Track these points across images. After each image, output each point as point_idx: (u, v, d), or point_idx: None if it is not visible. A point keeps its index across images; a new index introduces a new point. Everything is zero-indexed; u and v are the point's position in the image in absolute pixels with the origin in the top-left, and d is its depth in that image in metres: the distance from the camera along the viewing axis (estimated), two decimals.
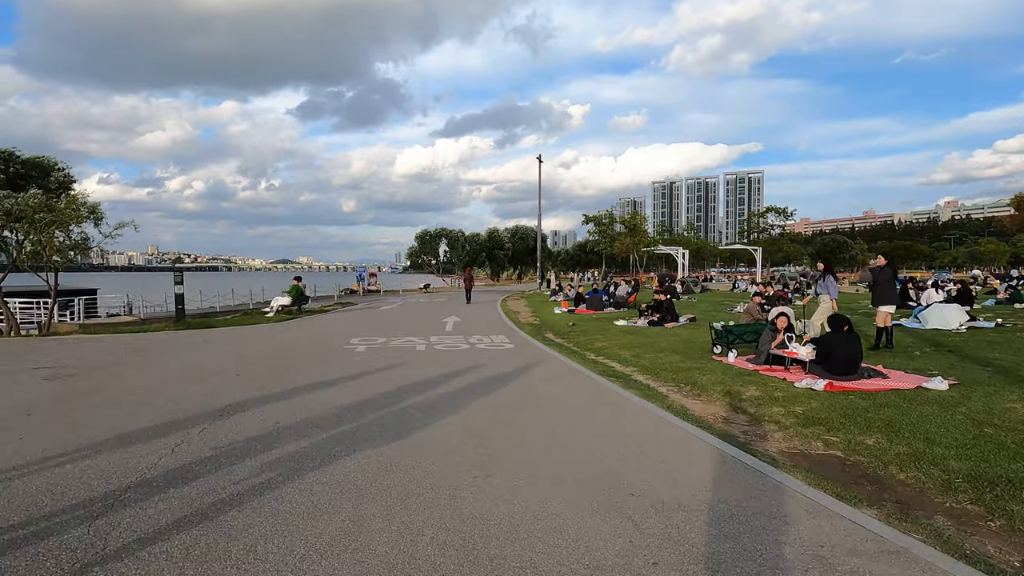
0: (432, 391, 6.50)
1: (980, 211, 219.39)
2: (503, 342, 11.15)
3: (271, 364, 8.55)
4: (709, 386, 6.89)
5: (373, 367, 8.27)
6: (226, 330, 13.79)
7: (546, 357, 9.36)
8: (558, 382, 7.23)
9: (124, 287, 62.93)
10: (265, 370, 7.91)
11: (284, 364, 8.56)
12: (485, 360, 8.90)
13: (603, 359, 9.25)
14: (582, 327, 13.76)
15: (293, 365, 8.49)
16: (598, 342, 11.21)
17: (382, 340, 11.35)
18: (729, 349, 8.78)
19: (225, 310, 25.80)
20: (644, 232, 40.75)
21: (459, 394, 6.35)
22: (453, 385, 6.86)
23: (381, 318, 17.44)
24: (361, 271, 41.68)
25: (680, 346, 10.07)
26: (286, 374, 7.69)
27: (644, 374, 7.89)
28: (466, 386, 6.81)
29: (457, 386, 6.81)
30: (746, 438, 4.98)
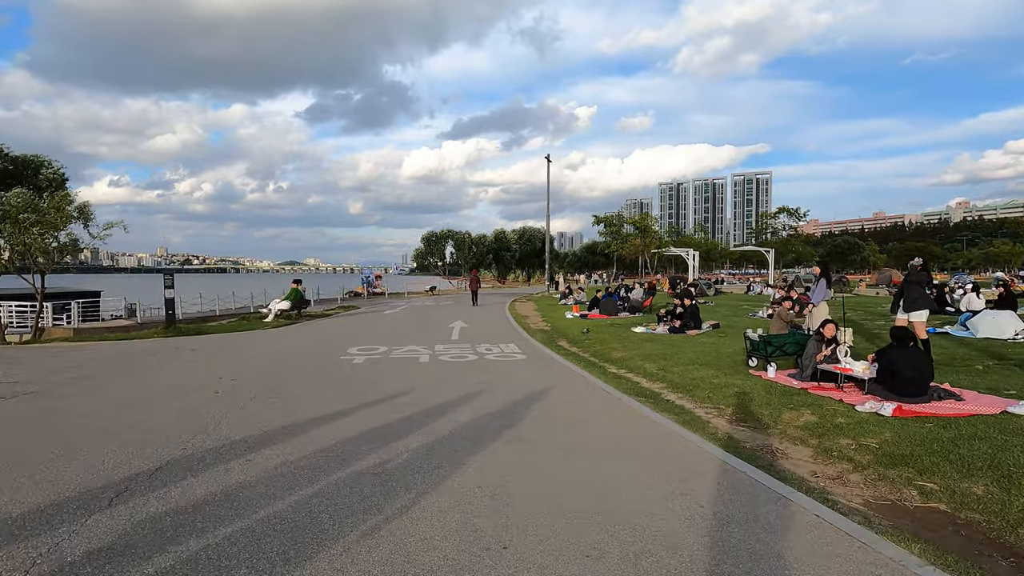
0: (435, 421, 5.61)
1: (993, 212, 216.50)
2: (514, 352, 10.26)
3: (256, 380, 7.69)
4: (755, 409, 5.97)
5: (369, 386, 7.39)
6: (218, 337, 12.98)
7: (563, 371, 8.45)
8: (581, 406, 6.29)
9: (131, 289, 62.76)
10: (247, 389, 7.05)
11: (270, 380, 7.71)
12: (495, 375, 8.01)
13: (625, 373, 8.34)
14: (597, 334, 12.85)
15: (280, 381, 7.63)
16: (617, 352, 10.30)
17: (383, 350, 10.49)
18: (768, 362, 7.85)
19: (225, 313, 25.09)
20: (655, 233, 39.71)
21: (467, 427, 5.30)
22: (460, 412, 5.81)
23: (384, 324, 16.60)
24: (366, 273, 40.93)
25: (709, 357, 9.14)
26: (269, 394, 6.82)
27: (675, 392, 6.97)
28: (475, 415, 5.77)
29: (464, 414, 5.77)
30: (819, 482, 4.07)
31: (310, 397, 6.58)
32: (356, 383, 7.36)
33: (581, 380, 7.77)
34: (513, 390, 6.88)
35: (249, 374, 8.04)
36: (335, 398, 6.52)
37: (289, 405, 6.14)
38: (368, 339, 12.28)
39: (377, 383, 7.36)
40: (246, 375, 7.95)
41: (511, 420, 5.50)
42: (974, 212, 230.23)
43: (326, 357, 9.63)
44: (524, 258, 76.64)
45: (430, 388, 7.01)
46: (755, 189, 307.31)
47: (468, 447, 4.64)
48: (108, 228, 13.76)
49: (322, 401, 6.35)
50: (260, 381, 7.49)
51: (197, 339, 12.51)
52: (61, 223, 13.13)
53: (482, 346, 10.96)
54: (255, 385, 7.21)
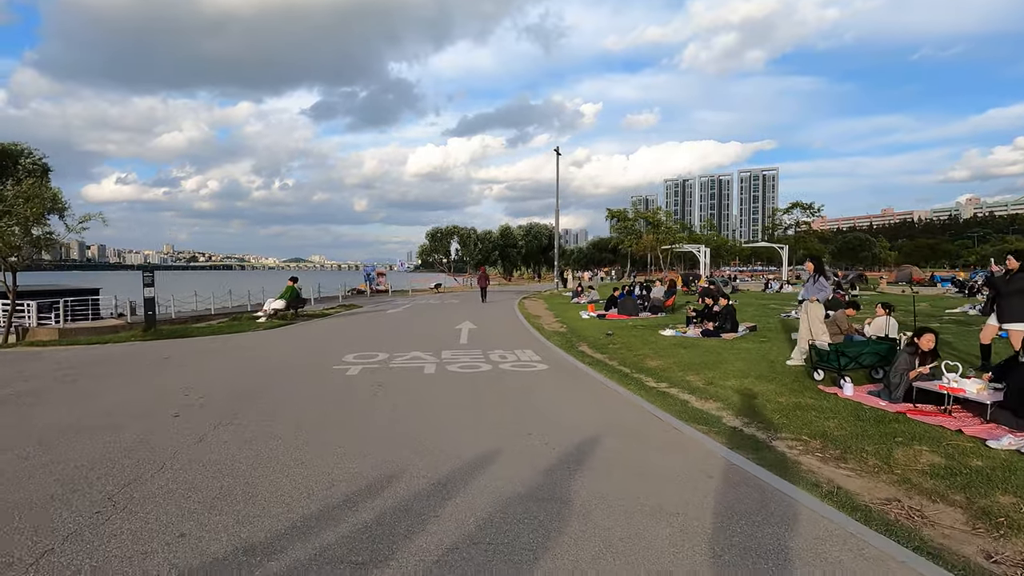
0: (440, 468, 4.34)
1: (1004, 208, 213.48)
2: (532, 360, 8.98)
3: (228, 399, 6.43)
4: (851, 443, 4.68)
5: (360, 409, 6.11)
6: (201, 341, 11.76)
7: (595, 387, 7.15)
8: (635, 442, 4.91)
9: (135, 287, 61.87)
10: (214, 412, 5.79)
11: (246, 399, 6.45)
12: (515, 393, 6.73)
13: (667, 387, 7.05)
14: (621, 338, 11.55)
15: (256, 401, 6.37)
16: (649, 359, 9.01)
17: (382, 356, 9.22)
18: (841, 377, 6.54)
19: (220, 312, 23.97)
20: (669, 229, 38.32)
21: (486, 491, 3.61)
22: (482, 479, 3.81)
23: (386, 324, 15.35)
24: (368, 270, 39.75)
25: (760, 367, 7.85)
26: (237, 422, 5.56)
27: (738, 416, 5.68)
28: (494, 468, 4.05)
29: (480, 469, 4.05)
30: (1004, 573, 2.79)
31: (294, 417, 5.32)
32: (346, 408, 6.02)
33: (618, 399, 6.47)
34: (539, 418, 5.58)
35: (223, 390, 6.78)
36: (320, 426, 5.26)
37: (270, 427, 4.88)
38: (367, 343, 11.02)
39: (372, 407, 6.06)
40: (219, 391, 6.69)
41: (544, 474, 4.22)
42: (984, 208, 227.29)
43: (317, 367, 8.38)
44: (530, 254, 75.45)
45: (435, 414, 5.70)
46: (761, 186, 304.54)
47: (489, 541, 3.08)
48: (85, 220, 12.57)
49: (306, 426, 5.08)
50: (233, 400, 6.23)
51: (177, 343, 11.28)
52: (31, 215, 11.92)
53: (495, 352, 9.68)
54: (225, 406, 5.95)
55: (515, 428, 5.12)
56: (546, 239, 74.90)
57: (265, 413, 5.62)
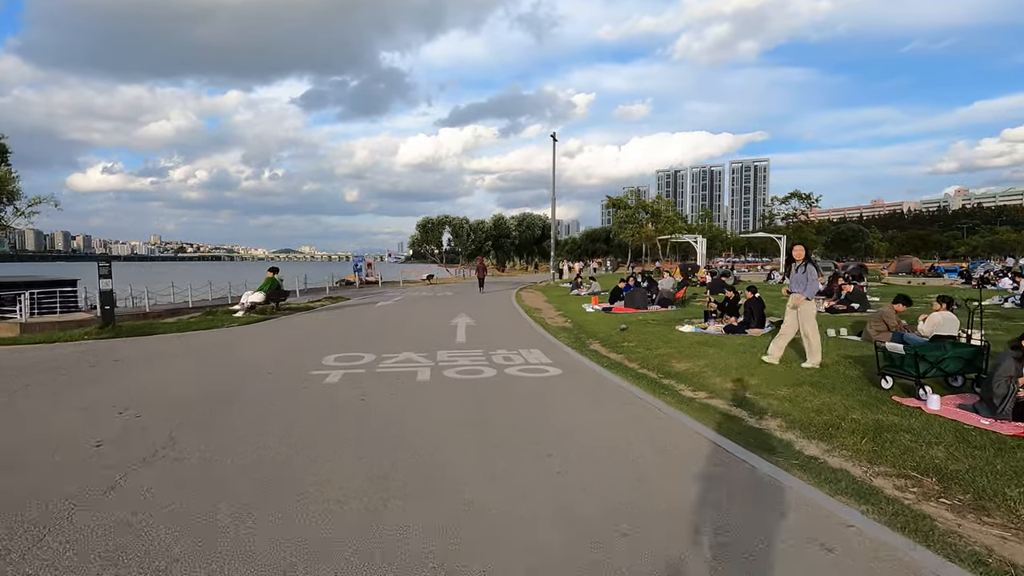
0: (442, 541, 3.16)
1: (992, 200, 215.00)
2: (541, 363, 7.79)
3: (172, 418, 5.20)
4: (981, 483, 3.55)
5: (337, 437, 4.90)
6: (164, 339, 10.46)
7: (624, 399, 5.95)
8: (701, 487, 3.79)
9: (121, 278, 59.82)
10: (150, 437, 4.57)
11: (195, 418, 5.21)
12: (527, 407, 5.54)
13: (708, 398, 5.90)
14: (636, 335, 10.40)
15: (208, 421, 5.13)
16: (675, 361, 7.87)
17: (368, 359, 8.00)
18: (921, 387, 5.43)
19: (199, 305, 22.58)
20: (670, 218, 37.20)
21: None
22: (488, 519, 3.01)
23: (374, 319, 14.10)
24: (357, 260, 38.35)
25: (805, 371, 6.73)
26: (176, 453, 4.34)
27: (808, 437, 4.55)
28: (516, 531, 2.95)
29: (499, 536, 2.98)
30: None
31: (233, 471, 4.10)
32: (318, 434, 4.77)
33: (652, 413, 5.30)
34: (569, 446, 4.37)
35: (167, 405, 5.54)
36: (275, 481, 4.05)
37: (187, 494, 3.67)
38: (353, 341, 9.79)
39: (352, 431, 4.85)
40: (162, 407, 5.45)
41: (587, 547, 3.04)
42: (972, 200, 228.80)
43: (291, 372, 7.14)
44: (524, 245, 74.08)
45: (437, 448, 4.48)
46: (753, 177, 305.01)
47: None
48: (35, 203, 11.18)
49: (245, 495, 3.88)
50: (176, 420, 5.00)
51: (135, 343, 9.97)
52: None
53: (498, 353, 8.49)
54: (164, 429, 4.72)
55: (537, 463, 3.94)
56: (539, 230, 73.56)
57: (212, 442, 4.40)
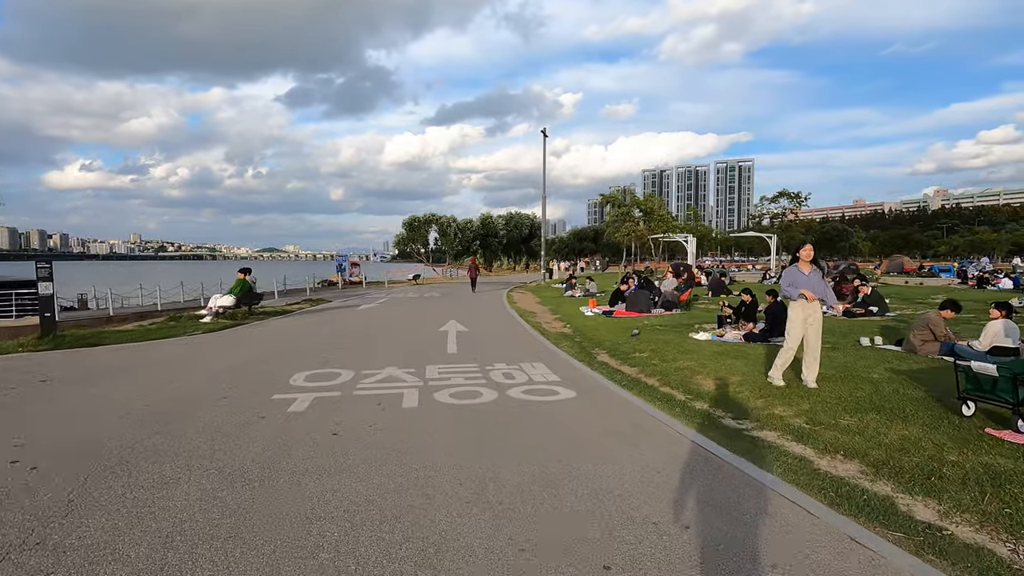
0: None
1: (970, 200, 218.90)
2: (548, 381, 6.70)
3: (72, 468, 4.02)
4: None
5: (293, 506, 3.76)
6: (111, 352, 9.17)
7: (658, 432, 4.85)
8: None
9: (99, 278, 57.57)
10: (38, 495, 3.40)
11: (100, 468, 4.03)
12: (543, 449, 4.42)
13: (755, 428, 4.85)
14: (647, 342, 9.36)
15: (118, 468, 3.96)
16: (699, 377, 6.83)
17: (345, 377, 6.84)
18: (1021, 416, 4.44)
19: (170, 307, 21.21)
20: (663, 217, 36.35)
21: None
22: None
23: (355, 326, 12.91)
24: (341, 260, 36.97)
25: (862, 390, 5.73)
26: (56, 530, 3.18)
27: (910, 492, 3.51)
28: None
29: None
30: None
31: (142, 549, 2.95)
32: (269, 496, 3.61)
33: (722, 470, 4.23)
34: (626, 543, 3.29)
35: (80, 446, 4.35)
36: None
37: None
38: (329, 353, 8.61)
39: (315, 494, 3.71)
40: (71, 450, 4.26)
41: None
42: (951, 200, 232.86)
43: (251, 395, 5.96)
44: (511, 244, 73.10)
45: (432, 519, 3.39)
46: (737, 177, 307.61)
47: None
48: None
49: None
50: (83, 471, 3.82)
51: (75, 356, 8.67)
52: None
53: (496, 368, 7.37)
54: (64, 484, 3.55)
55: (538, 503, 2.85)
56: (527, 229, 72.59)
57: (122, 509, 3.23)
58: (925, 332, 7.59)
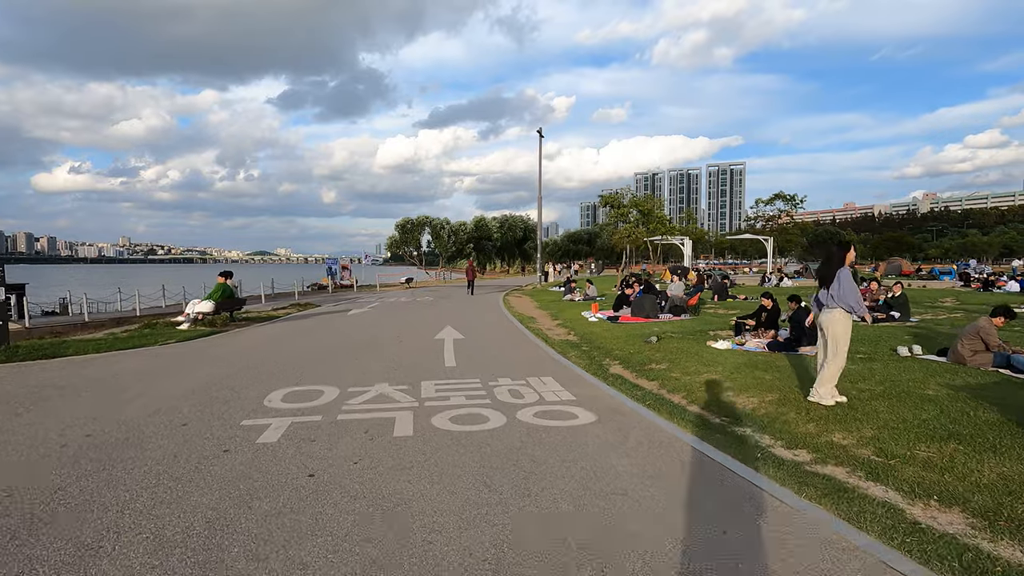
0: None
1: (959, 203, 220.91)
2: (560, 399, 5.87)
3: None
4: None
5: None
6: (73, 364, 8.24)
7: (704, 470, 4.04)
8: None
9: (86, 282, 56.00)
10: None
11: (4, 528, 3.18)
12: (570, 503, 3.61)
13: (814, 462, 4.06)
14: (663, 351, 8.56)
15: (24, 531, 3.12)
16: (731, 394, 6.04)
17: (328, 395, 5.99)
18: None
19: (149, 312, 20.23)
20: (661, 219, 35.66)
21: None
22: None
23: (343, 333, 12.03)
24: (331, 263, 35.98)
25: (927, 411, 4.96)
26: None
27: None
28: None
29: None
30: None
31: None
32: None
33: (789, 521, 3.42)
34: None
35: (32, 478, 3.48)
36: None
37: None
38: (312, 366, 7.75)
39: (278, 569, 2.86)
40: (20, 482, 3.39)
41: None
42: (940, 203, 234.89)
43: (217, 421, 5.09)
44: (505, 247, 72.29)
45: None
46: (729, 180, 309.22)
47: None
48: None
49: None
50: (33, 502, 2.96)
51: (26, 370, 7.70)
52: None
53: (501, 385, 6.53)
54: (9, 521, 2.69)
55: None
56: (521, 231, 71.82)
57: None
58: (975, 341, 6.85)
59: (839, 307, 5.30)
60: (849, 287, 5.22)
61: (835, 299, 5.31)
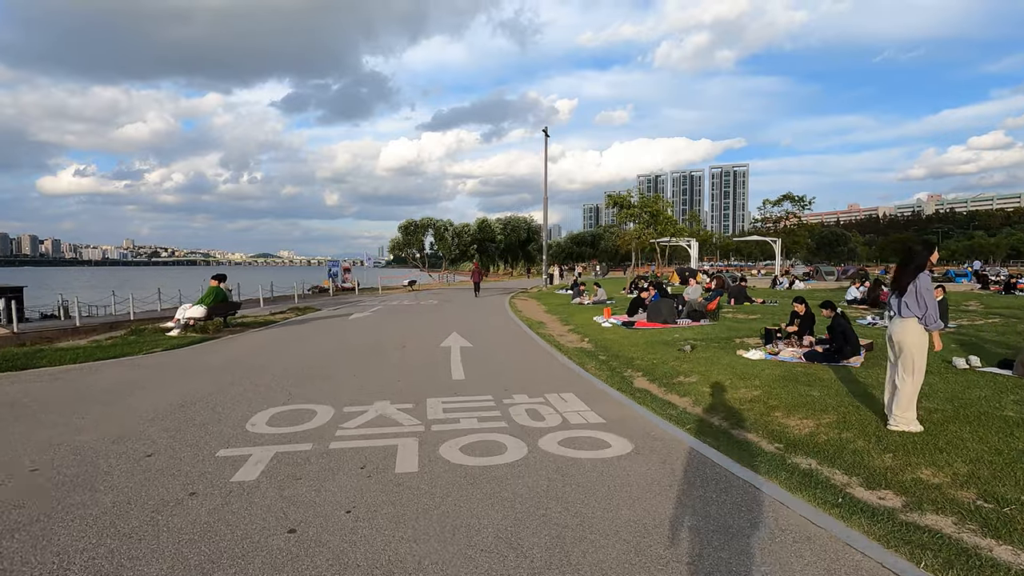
0: None
1: (964, 205, 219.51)
2: (586, 421, 5.13)
3: None
4: None
5: None
6: (43, 376, 7.52)
7: (791, 530, 3.27)
8: None
9: (88, 284, 55.36)
10: None
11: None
12: (619, 569, 2.88)
13: (914, 510, 3.33)
14: (690, 361, 7.80)
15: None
16: (779, 414, 5.29)
17: (321, 416, 5.25)
18: None
19: (144, 316, 19.57)
20: (670, 220, 34.90)
21: None
22: None
23: (342, 341, 11.31)
24: (332, 265, 35.32)
25: (1010, 436, 4.21)
26: None
27: None
28: None
29: None
30: None
31: None
32: None
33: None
34: None
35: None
36: None
37: None
38: (305, 380, 7.02)
39: None
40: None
41: None
42: (945, 205, 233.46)
43: (190, 452, 4.35)
44: (508, 249, 71.63)
45: None
46: (732, 182, 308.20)
47: None
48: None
49: None
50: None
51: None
52: None
53: (517, 401, 5.79)
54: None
55: None
56: (525, 233, 71.16)
57: None
58: None
59: (913, 316, 4.56)
60: (928, 294, 4.48)
61: (909, 307, 4.57)
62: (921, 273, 4.52)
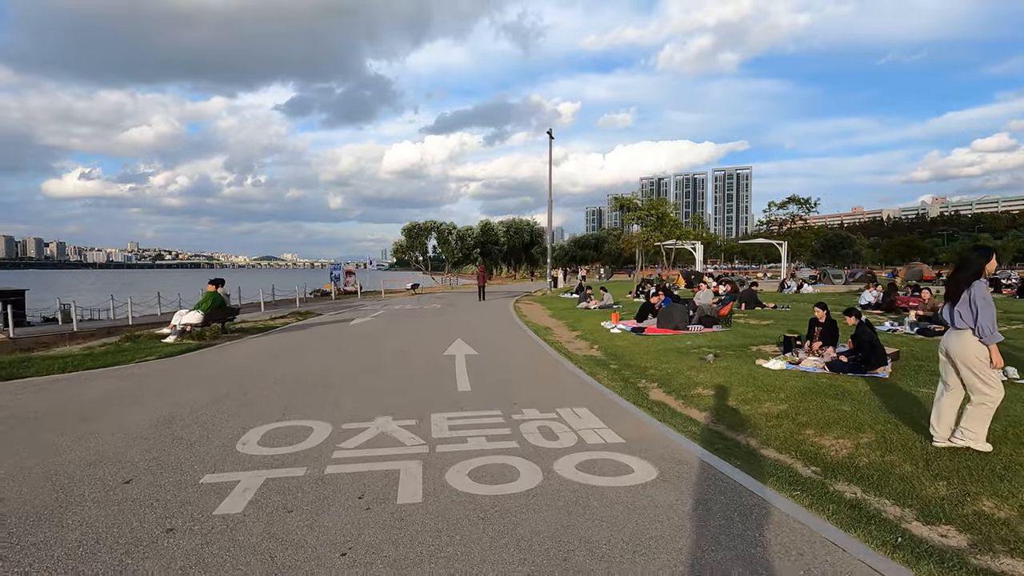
0: None
1: (968, 207, 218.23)
2: (604, 440, 4.73)
3: None
4: None
5: None
6: (26, 387, 7.17)
7: None
8: None
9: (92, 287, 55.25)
10: None
11: None
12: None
13: (983, 552, 2.93)
14: (707, 371, 7.41)
15: None
16: (810, 432, 4.89)
17: (316, 437, 4.87)
18: None
19: (144, 320, 19.35)
20: (676, 222, 34.50)
21: None
22: None
23: (342, 349, 10.94)
24: (334, 268, 35.02)
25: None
26: None
27: None
28: None
29: None
30: None
31: None
32: None
33: None
34: None
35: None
36: None
37: None
38: (301, 393, 6.64)
39: None
40: None
41: None
42: (950, 207, 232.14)
43: (171, 478, 3.97)
44: (512, 252, 71.23)
45: None
46: (735, 185, 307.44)
47: None
48: None
49: None
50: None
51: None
52: None
53: (528, 417, 5.40)
54: None
55: None
56: (528, 236, 70.76)
57: None
58: None
59: (968, 328, 4.16)
60: (984, 304, 4.08)
61: (963, 317, 4.17)
62: (976, 281, 4.12)
